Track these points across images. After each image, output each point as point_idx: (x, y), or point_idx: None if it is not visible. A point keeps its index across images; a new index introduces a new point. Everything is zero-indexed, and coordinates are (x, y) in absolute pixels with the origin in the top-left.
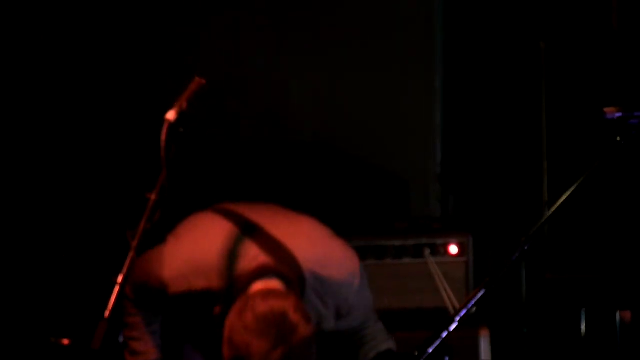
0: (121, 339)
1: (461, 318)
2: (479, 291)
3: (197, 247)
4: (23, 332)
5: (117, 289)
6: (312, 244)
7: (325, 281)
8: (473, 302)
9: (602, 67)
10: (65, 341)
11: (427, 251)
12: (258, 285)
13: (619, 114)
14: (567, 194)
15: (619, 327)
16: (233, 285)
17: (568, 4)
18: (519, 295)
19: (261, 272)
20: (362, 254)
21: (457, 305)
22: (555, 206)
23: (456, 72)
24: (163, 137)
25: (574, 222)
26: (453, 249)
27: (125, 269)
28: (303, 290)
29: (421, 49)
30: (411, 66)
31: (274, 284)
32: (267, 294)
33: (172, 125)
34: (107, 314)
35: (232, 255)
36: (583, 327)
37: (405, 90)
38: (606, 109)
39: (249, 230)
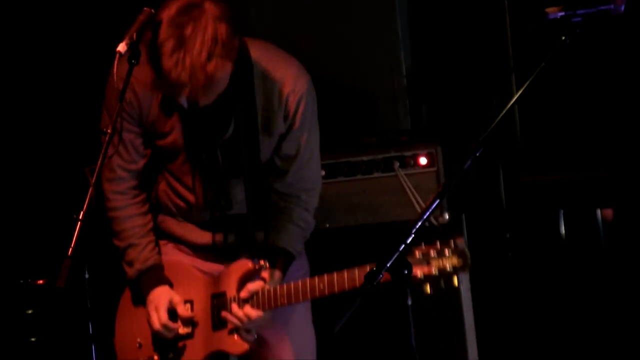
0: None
1: (423, 229)
2: (433, 202)
3: None
4: None
5: (79, 225)
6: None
7: (271, 73)
8: (427, 214)
9: None
10: (40, 281)
11: (397, 164)
12: None
13: (561, 13)
14: (515, 98)
15: (601, 225)
16: None
17: None
18: (499, 200)
19: None
20: (332, 171)
21: (431, 217)
22: (504, 110)
23: None
24: (114, 69)
25: (543, 123)
26: (422, 160)
27: (85, 205)
28: (250, 69)
29: None
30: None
31: None
32: None
33: (123, 56)
34: (70, 251)
35: None
36: (562, 228)
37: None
38: (548, 9)
39: None
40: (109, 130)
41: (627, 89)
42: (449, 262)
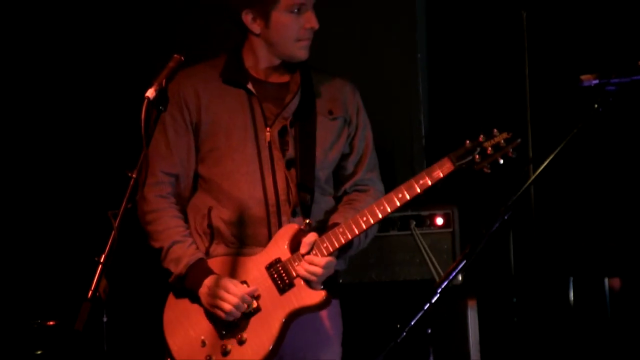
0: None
1: (447, 290)
2: (460, 262)
3: None
4: (8, 315)
5: (99, 268)
6: None
7: (330, 74)
8: (454, 273)
9: (581, 34)
10: (51, 322)
11: (413, 223)
12: None
13: (595, 81)
14: (546, 162)
15: (608, 294)
16: None
17: None
18: (508, 264)
19: None
20: None
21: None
22: (534, 175)
23: (438, 41)
24: (143, 114)
25: (559, 191)
26: (439, 220)
27: (107, 249)
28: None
29: (403, 17)
30: (393, 35)
31: None
32: None
33: (151, 102)
34: (90, 294)
35: None
36: (571, 295)
37: (387, 60)
38: (582, 77)
39: None
40: (133, 175)
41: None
42: (499, 139)
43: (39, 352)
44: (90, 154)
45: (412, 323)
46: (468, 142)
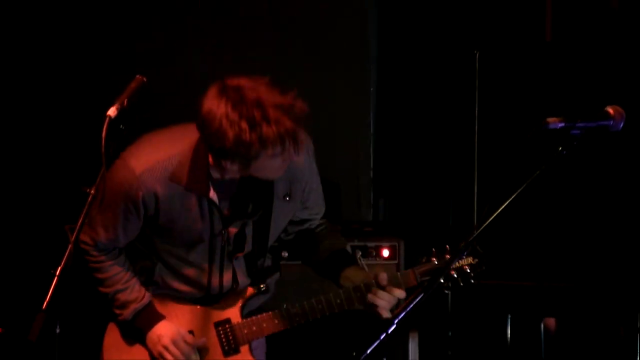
0: (108, 296)
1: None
2: (419, 295)
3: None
4: None
5: (55, 280)
6: None
7: None
8: (412, 305)
9: (537, 77)
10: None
11: (359, 253)
12: None
13: (561, 124)
14: (509, 200)
15: (543, 334)
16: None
17: (503, 13)
18: (445, 299)
19: None
20: (293, 255)
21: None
22: (496, 213)
23: (390, 77)
24: (103, 133)
25: (502, 229)
26: (385, 252)
27: (63, 262)
28: None
29: (356, 52)
30: (345, 69)
31: None
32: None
33: (113, 121)
34: (45, 305)
35: None
36: (508, 332)
37: (340, 93)
38: (549, 119)
39: None
40: (91, 192)
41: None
42: (466, 261)
43: None
44: (49, 169)
45: (368, 352)
46: (434, 259)
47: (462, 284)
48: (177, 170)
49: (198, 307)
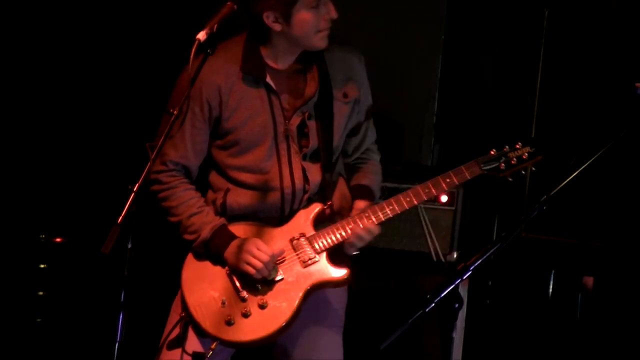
0: (179, 230)
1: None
2: (496, 244)
3: None
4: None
5: (132, 196)
6: None
7: (340, 47)
8: (489, 253)
9: (604, 40)
10: (58, 239)
11: None
12: None
13: None
14: (586, 164)
15: (580, 292)
16: None
17: None
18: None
19: None
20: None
21: (440, 252)
22: (572, 175)
23: (459, 32)
24: (192, 55)
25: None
26: (443, 198)
27: (141, 179)
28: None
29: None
30: (417, 22)
31: None
32: None
33: (201, 45)
34: (120, 219)
35: None
36: (550, 288)
37: (409, 41)
38: (638, 84)
39: None
40: (175, 112)
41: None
42: (522, 152)
43: (42, 266)
44: (132, 91)
45: (442, 295)
46: (494, 150)
47: (523, 173)
48: (232, 56)
49: (272, 227)
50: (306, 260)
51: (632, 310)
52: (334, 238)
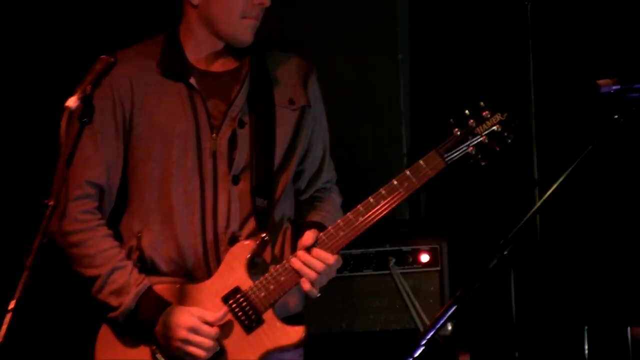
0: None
1: (431, 341)
2: (449, 307)
3: None
4: None
5: (9, 316)
6: None
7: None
8: (442, 321)
9: (592, 32)
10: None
11: (392, 261)
12: None
13: (616, 87)
14: (556, 185)
15: (631, 345)
16: None
17: None
18: (508, 311)
19: None
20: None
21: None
22: (541, 201)
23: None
24: (63, 127)
25: (571, 220)
26: (424, 257)
27: (18, 293)
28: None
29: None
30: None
31: None
32: None
33: (73, 114)
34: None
35: None
36: (586, 348)
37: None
38: (600, 82)
39: None
40: (51, 203)
41: None
42: (493, 121)
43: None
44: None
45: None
46: (457, 130)
47: (498, 149)
48: (150, 53)
49: (200, 283)
50: (249, 324)
51: None
52: (278, 288)
